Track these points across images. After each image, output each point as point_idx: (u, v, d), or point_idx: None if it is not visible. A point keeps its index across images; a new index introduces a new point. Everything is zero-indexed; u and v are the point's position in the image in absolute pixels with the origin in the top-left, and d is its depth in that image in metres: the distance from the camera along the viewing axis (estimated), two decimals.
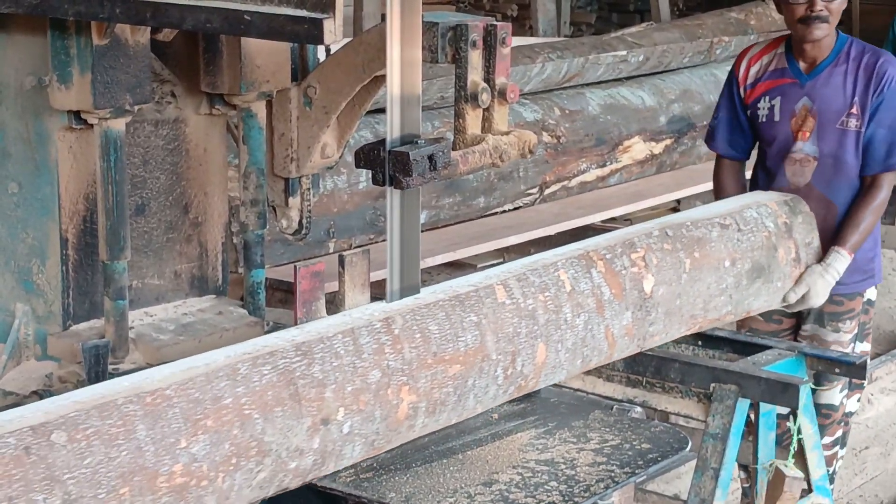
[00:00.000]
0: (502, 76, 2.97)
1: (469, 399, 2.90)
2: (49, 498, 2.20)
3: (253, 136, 3.50)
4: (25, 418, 2.24)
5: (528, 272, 3.06)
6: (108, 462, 2.28)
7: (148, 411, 2.35)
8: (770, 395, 3.85)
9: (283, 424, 2.53)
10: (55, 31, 3.13)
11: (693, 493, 3.89)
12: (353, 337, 2.67)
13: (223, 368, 2.48)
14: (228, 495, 2.49)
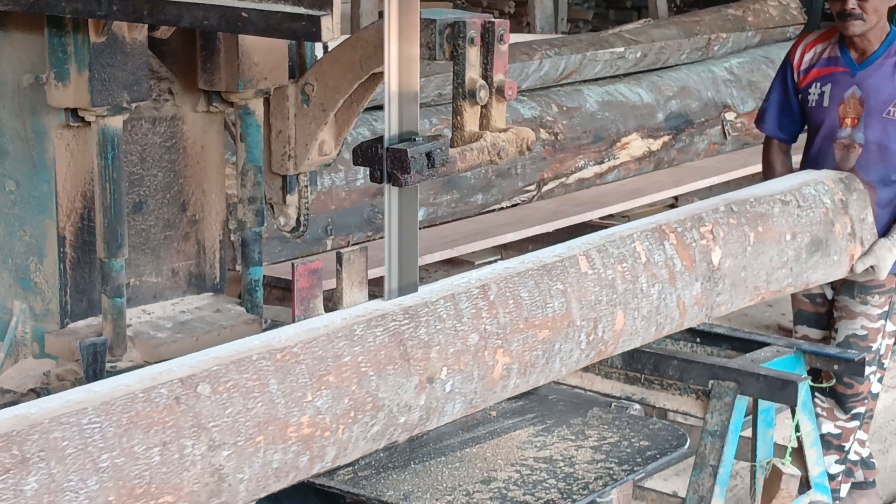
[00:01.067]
0: (500, 73, 2.97)
1: (556, 362, 3.10)
2: (197, 444, 2.39)
3: (250, 133, 3.49)
4: (173, 371, 2.42)
5: (607, 244, 3.25)
6: (245, 412, 2.47)
7: (278, 367, 2.54)
8: (768, 392, 3.85)
9: (395, 382, 2.72)
10: (52, 28, 3.12)
11: (692, 490, 3.90)
12: (454, 302, 2.86)
13: (341, 329, 2.67)
14: (347, 446, 2.69)
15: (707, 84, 7.30)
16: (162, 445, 2.34)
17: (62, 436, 2.23)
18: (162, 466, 2.34)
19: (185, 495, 2.39)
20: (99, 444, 2.26)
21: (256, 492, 2.57)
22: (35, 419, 2.22)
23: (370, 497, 2.92)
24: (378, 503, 2.93)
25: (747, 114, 7.46)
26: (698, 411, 3.98)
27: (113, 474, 2.27)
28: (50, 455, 2.20)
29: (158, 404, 2.36)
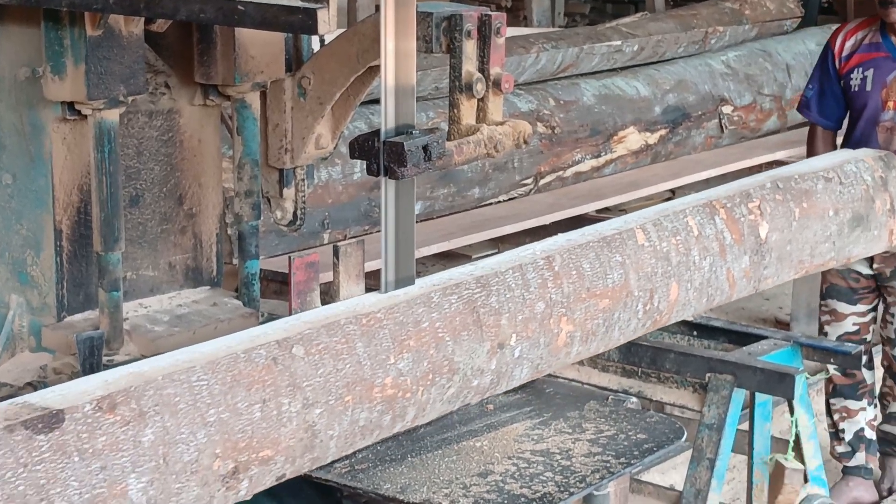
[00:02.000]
0: (497, 66, 2.97)
1: (615, 331, 3.23)
2: (292, 402, 2.53)
3: (247, 126, 3.49)
4: (269, 334, 2.57)
5: (661, 218, 3.38)
6: (336, 373, 2.62)
7: (364, 331, 2.69)
8: (766, 385, 3.86)
9: (469, 347, 2.86)
10: (49, 21, 3.12)
11: (689, 483, 3.90)
12: (522, 272, 2.99)
13: (420, 297, 2.81)
14: (425, 407, 2.83)
15: (704, 78, 7.30)
16: (262, 403, 2.49)
17: (174, 392, 2.37)
18: (262, 422, 2.49)
19: (282, 450, 2.54)
20: (206, 401, 2.41)
21: (344, 448, 2.72)
22: (149, 376, 2.37)
23: (367, 490, 2.92)
24: (375, 496, 2.93)
25: (744, 107, 7.47)
26: (695, 404, 3.99)
27: (219, 428, 2.42)
28: (164, 409, 2.35)
29: (258, 364, 2.51)
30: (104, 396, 2.29)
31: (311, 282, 2.93)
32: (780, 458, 4.00)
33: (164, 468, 2.34)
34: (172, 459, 2.35)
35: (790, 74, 7.80)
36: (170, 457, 2.35)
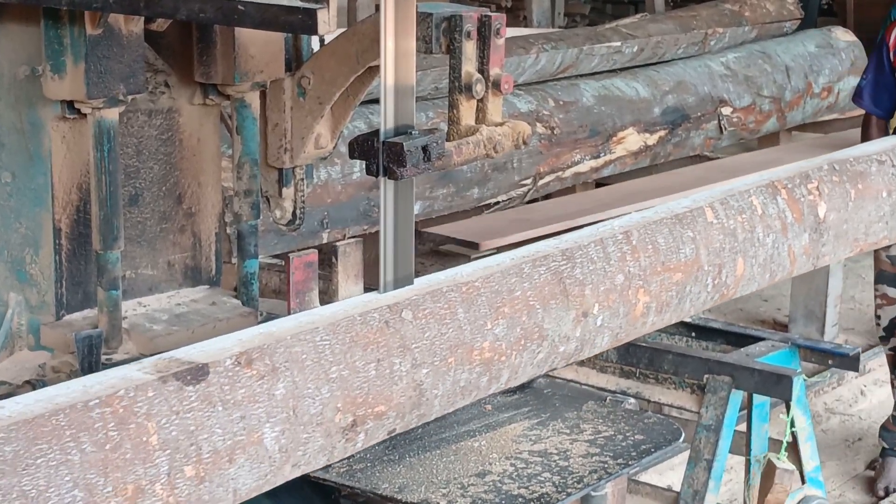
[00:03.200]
0: (496, 67, 2.97)
1: (686, 303, 3.41)
2: (402, 362, 2.71)
3: (247, 126, 3.49)
4: (381, 300, 2.75)
5: (727, 197, 3.56)
6: (440, 336, 2.78)
7: (463, 298, 2.86)
8: (764, 387, 3.87)
9: (556, 315, 3.02)
10: (48, 20, 3.12)
11: (686, 484, 3.90)
12: (603, 246, 3.17)
13: (512, 267, 2.98)
14: (517, 371, 2.99)
15: (703, 79, 7.30)
16: (376, 362, 2.67)
17: (301, 350, 2.55)
18: (377, 380, 2.66)
19: (393, 406, 2.72)
20: (329, 358, 2.59)
21: (446, 406, 2.88)
22: (279, 335, 2.54)
23: (365, 490, 2.93)
24: (373, 496, 2.93)
25: (743, 108, 7.47)
26: (693, 405, 4.00)
27: (340, 384, 2.60)
28: (293, 366, 2.52)
29: (372, 326, 2.69)
30: (242, 353, 2.47)
31: (310, 281, 2.93)
32: (773, 457, 4.00)
33: (293, 419, 2.53)
34: (300, 412, 2.53)
35: (789, 76, 7.81)
36: (298, 409, 2.53)
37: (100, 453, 2.24)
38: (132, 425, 2.28)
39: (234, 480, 2.46)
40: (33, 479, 2.16)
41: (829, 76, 8.12)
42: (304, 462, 2.61)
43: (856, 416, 6.49)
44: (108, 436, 2.25)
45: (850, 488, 5.81)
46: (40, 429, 2.19)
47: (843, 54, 8.32)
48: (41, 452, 2.17)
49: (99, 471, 2.23)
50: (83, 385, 2.29)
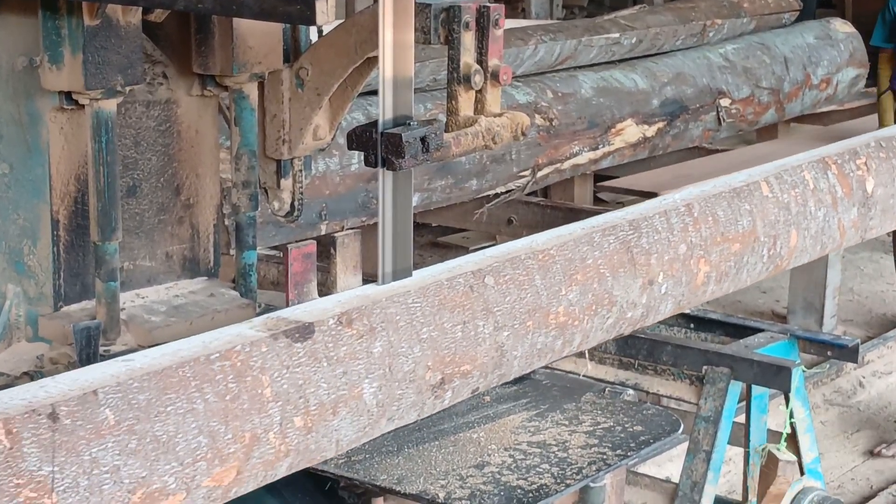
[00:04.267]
0: (495, 58, 2.96)
1: (743, 273, 3.57)
2: (486, 324, 2.86)
3: (245, 117, 3.48)
4: (464, 267, 2.88)
5: (781, 172, 3.72)
6: (519, 301, 2.92)
7: (540, 265, 3.00)
8: (762, 378, 3.88)
9: (624, 282, 3.19)
10: (46, 11, 3.11)
11: (685, 475, 3.91)
12: (667, 217, 3.33)
13: (584, 236, 3.14)
14: (588, 335, 3.15)
15: (702, 70, 7.29)
16: (462, 324, 2.82)
17: (395, 311, 2.70)
18: (463, 341, 2.81)
19: (478, 365, 2.86)
20: (420, 320, 2.74)
21: (524, 367, 3.01)
22: (374, 298, 2.69)
23: (364, 481, 2.93)
24: (372, 487, 2.93)
25: (742, 100, 7.46)
26: (692, 397, 4.00)
27: (430, 344, 2.75)
28: (388, 326, 2.68)
29: (458, 290, 2.84)
30: (343, 313, 2.62)
31: (309, 272, 2.93)
32: (773, 448, 4.01)
33: (389, 376, 2.68)
34: (395, 369, 2.69)
35: (788, 68, 7.80)
36: (394, 367, 2.69)
37: (221, 403, 2.40)
38: (248, 378, 2.43)
39: (337, 432, 2.62)
40: (164, 426, 2.31)
41: (827, 67, 8.12)
42: (398, 416, 2.76)
43: (854, 408, 6.49)
44: (227, 387, 2.41)
45: (849, 479, 5.82)
46: (169, 379, 2.34)
47: (842, 46, 8.32)
48: (170, 401, 2.32)
49: (220, 419, 2.39)
50: (202, 341, 2.44)
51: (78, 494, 2.22)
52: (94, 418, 2.25)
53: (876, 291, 7.91)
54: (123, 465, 2.27)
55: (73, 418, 2.22)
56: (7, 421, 2.16)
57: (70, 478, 2.21)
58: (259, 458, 2.50)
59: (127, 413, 2.28)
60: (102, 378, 2.30)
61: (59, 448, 2.20)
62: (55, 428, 2.21)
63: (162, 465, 2.32)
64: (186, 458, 2.36)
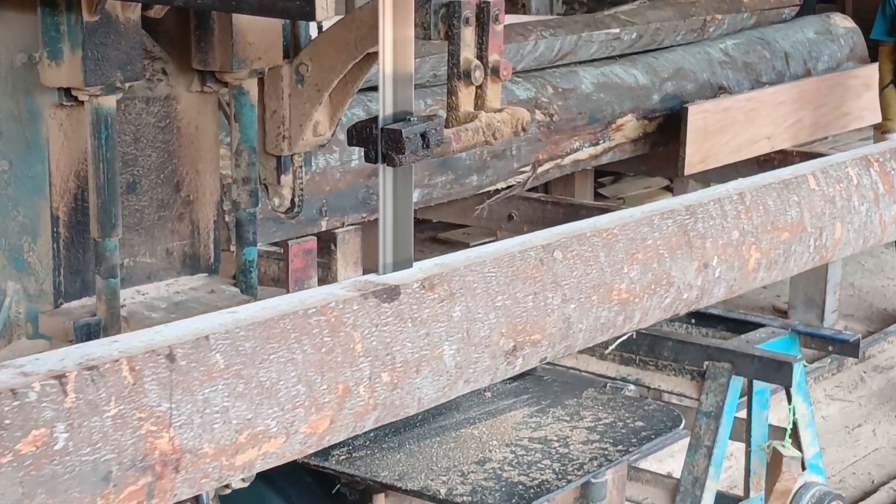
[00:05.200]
0: (495, 53, 2.96)
1: (791, 262, 3.76)
2: (554, 296, 3.02)
3: (245, 113, 3.48)
4: (535, 241, 3.05)
5: (827, 167, 3.90)
6: (585, 276, 3.09)
7: (604, 243, 3.17)
8: (764, 373, 3.89)
9: (681, 264, 3.35)
10: (45, 7, 3.11)
11: (686, 471, 3.92)
12: (721, 204, 3.51)
13: (644, 218, 3.30)
14: (647, 312, 3.31)
15: (703, 65, 7.28)
16: (533, 294, 2.96)
17: (473, 279, 2.86)
18: (534, 311, 2.96)
19: (546, 335, 3.01)
20: (496, 288, 2.89)
21: (588, 341, 3.17)
22: (453, 266, 2.86)
23: (365, 478, 2.92)
24: (373, 483, 2.93)
25: None
26: (693, 392, 4.01)
27: (504, 312, 2.89)
28: (466, 292, 2.84)
29: (529, 263, 2.99)
30: (425, 278, 2.79)
31: (309, 268, 2.93)
32: (778, 445, 4.01)
33: (467, 340, 2.83)
34: (472, 333, 2.84)
35: (788, 63, 7.79)
36: (471, 331, 2.83)
37: (317, 355, 2.56)
38: (342, 333, 2.60)
39: (420, 390, 2.76)
40: (268, 372, 2.47)
41: (828, 62, 8.11)
42: (474, 379, 2.90)
43: (856, 403, 6.49)
44: (323, 340, 2.57)
45: (850, 474, 5.82)
46: (272, 330, 2.50)
47: (842, 40, 8.31)
48: (272, 350, 2.48)
49: (317, 370, 2.54)
50: (299, 298, 2.62)
51: (192, 431, 2.37)
52: (206, 361, 2.41)
53: (877, 286, 7.91)
54: (232, 407, 2.42)
55: (188, 360, 2.38)
56: (130, 359, 2.32)
57: (185, 415, 2.36)
58: (350, 410, 2.65)
59: (235, 358, 2.44)
60: (213, 325, 2.46)
61: (175, 387, 2.36)
62: (172, 368, 2.36)
63: (265, 409, 2.48)
64: (287, 404, 2.51)
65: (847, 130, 8.04)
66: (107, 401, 2.29)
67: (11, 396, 2.20)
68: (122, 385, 2.31)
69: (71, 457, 2.24)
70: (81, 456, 2.25)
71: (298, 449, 2.61)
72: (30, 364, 2.30)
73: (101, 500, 2.30)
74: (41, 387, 2.23)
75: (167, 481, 2.38)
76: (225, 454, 2.46)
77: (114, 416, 2.29)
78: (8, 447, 2.18)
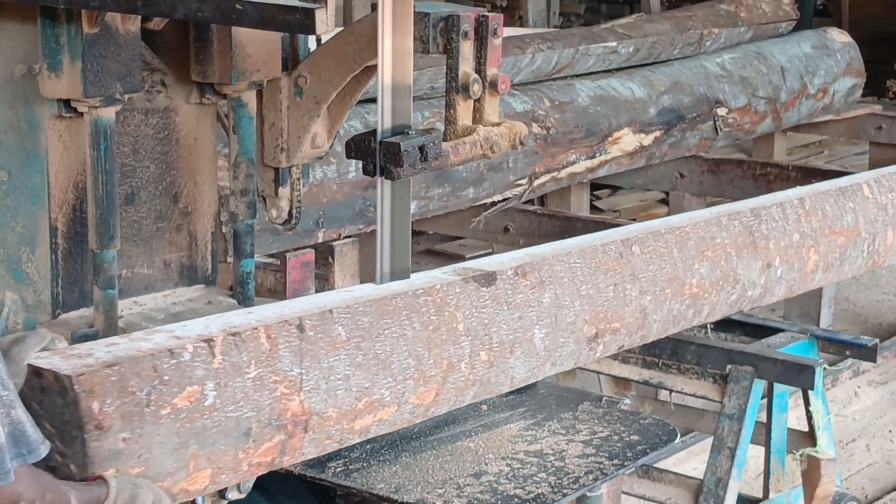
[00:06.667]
0: (493, 67, 2.97)
1: (846, 265, 3.99)
2: (632, 288, 3.26)
3: (243, 125, 3.49)
4: (614, 236, 3.29)
5: (880, 177, 4.12)
6: (660, 270, 3.33)
7: (676, 240, 3.42)
8: (786, 377, 4.06)
9: (747, 263, 3.58)
10: (45, 19, 3.11)
11: (709, 472, 4.04)
12: (783, 208, 3.74)
13: (713, 219, 3.57)
14: (715, 307, 3.54)
15: (699, 79, 7.30)
16: (614, 285, 3.20)
17: (560, 269, 3.10)
18: (614, 301, 3.19)
19: (625, 324, 3.23)
20: (580, 278, 3.13)
21: (661, 332, 3.39)
22: (542, 256, 3.12)
23: (361, 490, 2.93)
24: (369, 496, 2.93)
25: (739, 109, 7.47)
26: (715, 395, 4.12)
27: (588, 301, 3.13)
28: (554, 281, 3.07)
29: (610, 256, 3.23)
30: (518, 266, 3.01)
31: (307, 280, 2.94)
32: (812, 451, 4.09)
33: (554, 325, 3.04)
34: (560, 319, 3.06)
35: (785, 77, 7.81)
36: (559, 317, 3.05)
37: (425, 332, 2.79)
38: (446, 313, 2.83)
39: (513, 369, 2.98)
40: (382, 346, 2.71)
41: (824, 77, 8.12)
42: (560, 362, 3.11)
43: (849, 417, 6.49)
44: (430, 318, 2.80)
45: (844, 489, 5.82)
46: (386, 307, 2.75)
47: (839, 55, 8.32)
48: (386, 325, 2.73)
49: (424, 346, 2.78)
50: (407, 280, 2.88)
51: (319, 395, 2.61)
52: (330, 333, 2.64)
53: (871, 301, 7.91)
54: (352, 375, 2.66)
55: (315, 331, 2.62)
56: (267, 328, 2.56)
57: (313, 381, 2.59)
58: (453, 384, 2.86)
59: (355, 332, 2.68)
60: (334, 301, 2.72)
61: (305, 355, 2.59)
62: (302, 338, 2.60)
63: (381, 379, 2.71)
64: (399, 375, 2.74)
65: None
66: (248, 364, 2.52)
67: (169, 355, 2.44)
68: (261, 350, 2.54)
69: (218, 412, 2.47)
70: (227, 412, 2.48)
71: (407, 418, 2.83)
72: (179, 329, 2.56)
73: (242, 454, 2.53)
74: (194, 348, 2.48)
75: (297, 440, 2.61)
76: (346, 418, 2.68)
77: (253, 378, 2.52)
78: (167, 401, 2.41)
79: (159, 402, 2.40)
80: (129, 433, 2.38)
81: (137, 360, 2.42)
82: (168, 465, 2.44)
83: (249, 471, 2.59)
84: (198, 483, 2.50)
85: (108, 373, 2.38)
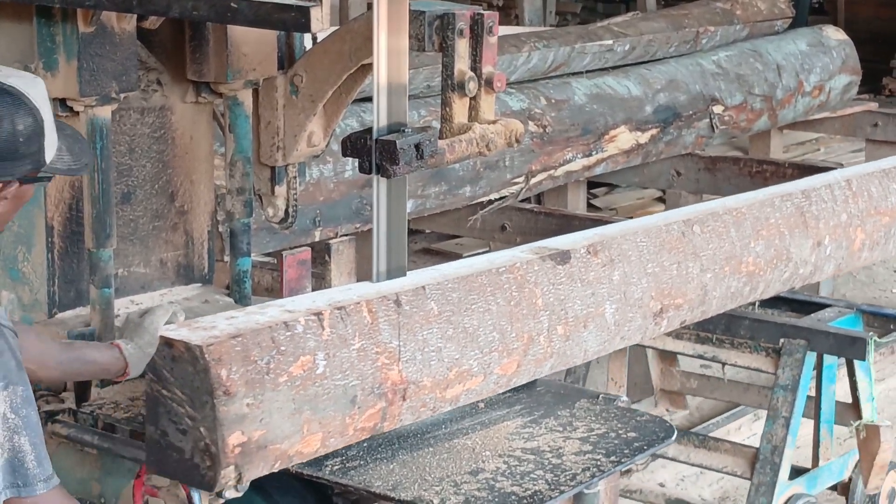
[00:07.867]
0: (489, 65, 2.97)
1: (890, 244, 4.22)
2: (694, 266, 3.47)
3: (239, 124, 3.49)
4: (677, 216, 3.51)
5: None
6: (719, 248, 3.53)
7: (734, 220, 3.62)
8: (838, 349, 4.28)
9: (799, 242, 3.79)
10: (41, 18, 3.11)
11: (765, 440, 4.25)
12: (831, 189, 3.95)
13: (766, 200, 3.78)
14: (769, 285, 3.75)
15: (695, 77, 7.30)
16: (677, 263, 3.38)
17: (628, 248, 3.30)
18: (677, 278, 3.37)
19: (687, 301, 3.42)
20: (647, 256, 3.32)
21: (720, 308, 3.59)
22: (610, 235, 3.30)
23: (358, 488, 2.92)
24: (366, 494, 2.93)
25: (735, 107, 7.48)
26: (769, 367, 4.32)
27: (654, 278, 3.32)
28: (623, 259, 3.27)
29: (673, 235, 3.43)
30: (590, 245, 3.21)
31: (303, 279, 2.94)
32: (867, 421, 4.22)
33: (623, 301, 3.23)
34: (628, 295, 3.24)
35: (781, 74, 7.81)
36: (627, 293, 3.24)
37: (507, 307, 2.97)
38: (526, 289, 3.01)
39: (586, 342, 3.17)
40: (470, 319, 2.90)
41: (820, 74, 8.13)
42: (628, 336, 3.32)
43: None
44: (511, 294, 2.98)
45: None
46: (472, 283, 2.93)
47: (835, 53, 8.33)
48: (473, 301, 2.91)
49: (507, 320, 2.96)
50: (488, 259, 3.08)
51: (415, 366, 2.80)
52: (424, 307, 2.83)
53: (869, 298, 7.91)
54: (444, 347, 2.85)
55: (411, 305, 2.81)
56: (368, 302, 2.75)
57: (410, 352, 2.79)
58: (533, 356, 3.05)
59: (445, 306, 2.86)
60: (426, 278, 2.91)
61: (402, 328, 2.78)
62: (399, 312, 2.78)
63: (469, 351, 2.89)
64: (485, 347, 2.92)
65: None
66: (353, 336, 2.70)
67: (285, 328, 2.63)
68: (364, 323, 2.72)
69: (328, 381, 2.66)
70: (335, 381, 2.67)
71: (492, 388, 3.03)
72: (289, 304, 2.74)
73: (349, 419, 2.72)
74: (305, 321, 2.66)
75: (396, 407, 2.80)
76: (439, 387, 2.87)
77: (358, 349, 2.71)
78: (283, 369, 2.60)
79: (277, 370, 2.59)
80: (252, 399, 2.56)
81: (258, 332, 2.61)
82: (286, 429, 2.63)
83: (354, 435, 2.79)
84: (310, 446, 2.69)
85: (233, 343, 2.57)
